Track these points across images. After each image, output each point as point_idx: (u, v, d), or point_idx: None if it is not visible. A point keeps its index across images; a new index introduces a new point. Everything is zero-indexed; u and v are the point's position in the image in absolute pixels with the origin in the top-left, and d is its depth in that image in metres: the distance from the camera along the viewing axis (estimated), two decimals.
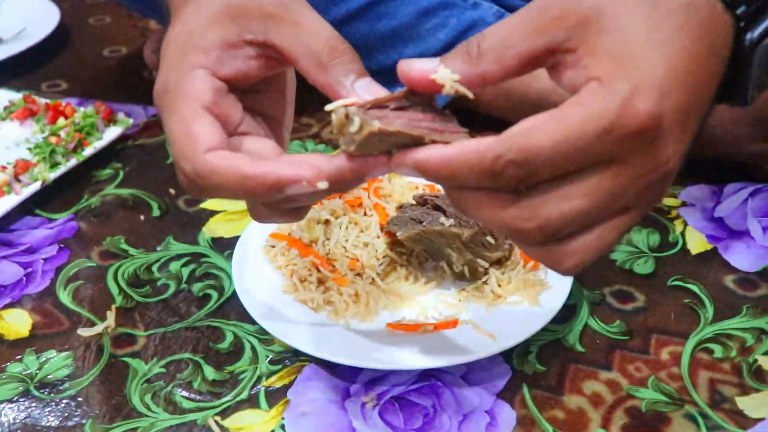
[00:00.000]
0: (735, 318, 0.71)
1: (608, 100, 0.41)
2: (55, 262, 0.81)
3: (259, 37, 0.50)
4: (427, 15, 0.97)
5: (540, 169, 0.42)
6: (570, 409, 0.63)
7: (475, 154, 0.42)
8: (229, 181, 0.47)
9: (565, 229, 0.44)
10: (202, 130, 0.48)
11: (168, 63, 0.52)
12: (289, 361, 0.68)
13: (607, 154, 0.42)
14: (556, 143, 0.41)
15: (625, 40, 0.42)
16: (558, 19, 0.43)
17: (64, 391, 0.66)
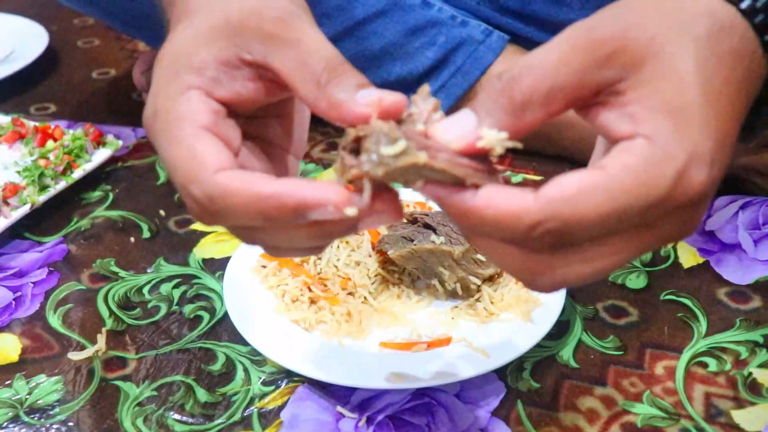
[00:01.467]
0: (729, 331, 0.71)
1: (662, 172, 0.37)
2: (45, 285, 0.81)
3: (258, 58, 0.46)
4: (416, 33, 0.97)
5: (578, 237, 0.39)
6: (565, 425, 0.63)
7: (509, 215, 0.38)
8: (244, 202, 0.42)
9: (576, 284, 0.42)
10: (207, 150, 0.44)
11: (158, 84, 0.47)
12: (281, 382, 0.68)
13: (648, 221, 0.39)
14: (602, 216, 0.38)
15: (681, 90, 0.39)
16: (610, 56, 0.39)
17: (55, 416, 0.65)
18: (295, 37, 0.45)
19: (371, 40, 0.97)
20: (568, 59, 0.39)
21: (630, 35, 0.39)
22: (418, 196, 0.85)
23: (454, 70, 0.96)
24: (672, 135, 0.38)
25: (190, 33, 0.47)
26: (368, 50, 0.97)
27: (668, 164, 0.37)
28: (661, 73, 0.39)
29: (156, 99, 0.47)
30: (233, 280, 0.75)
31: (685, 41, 0.39)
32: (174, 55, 0.47)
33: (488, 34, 0.97)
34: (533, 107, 0.40)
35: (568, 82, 0.39)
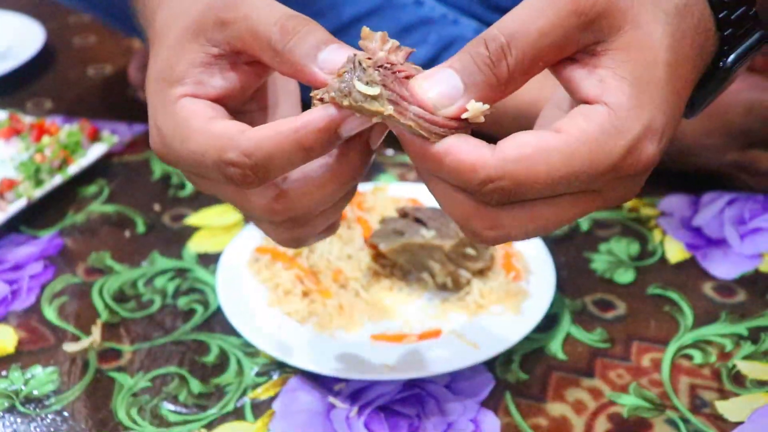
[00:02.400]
0: (714, 324, 0.72)
1: (615, 143, 0.39)
2: (41, 278, 0.81)
3: (225, 48, 0.47)
4: (408, 31, 0.98)
5: (525, 195, 0.40)
6: (553, 416, 0.64)
7: (465, 165, 0.40)
8: (281, 143, 0.42)
9: (518, 239, 0.44)
10: (225, 125, 0.44)
11: (152, 109, 0.48)
12: (274, 373, 0.69)
13: (595, 186, 0.41)
14: (553, 179, 0.39)
15: (652, 63, 0.40)
16: (593, 21, 0.40)
17: (50, 407, 0.66)
18: (243, 13, 0.45)
19: None
20: (555, 25, 0.40)
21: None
22: (410, 192, 0.86)
23: None
24: (632, 109, 0.39)
25: (164, 53, 0.48)
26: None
27: (623, 136, 0.39)
28: (637, 43, 0.40)
29: (156, 122, 0.48)
30: (226, 274, 0.76)
31: (658, 13, 0.41)
32: (157, 79, 0.48)
33: (479, 33, 0.98)
34: (516, 78, 0.41)
35: (552, 49, 0.40)
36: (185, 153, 0.46)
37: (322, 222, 0.50)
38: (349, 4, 0.97)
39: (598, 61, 0.41)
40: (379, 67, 0.42)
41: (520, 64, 0.40)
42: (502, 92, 0.41)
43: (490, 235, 0.43)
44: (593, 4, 0.40)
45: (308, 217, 0.48)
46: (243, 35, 0.46)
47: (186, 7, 0.49)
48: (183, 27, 0.48)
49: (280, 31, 0.44)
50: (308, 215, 0.48)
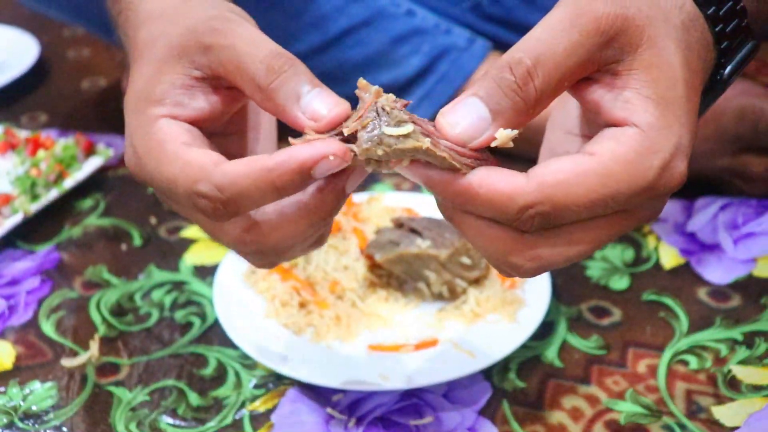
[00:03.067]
0: (709, 329, 0.72)
1: (650, 163, 0.40)
2: (38, 293, 0.82)
3: (207, 72, 0.47)
4: (400, 42, 0.98)
5: (564, 219, 0.40)
6: (550, 423, 0.64)
7: (502, 195, 0.40)
8: (253, 180, 0.42)
9: (557, 267, 0.43)
10: (200, 154, 0.44)
11: (129, 128, 0.48)
12: (272, 385, 0.69)
13: (629, 207, 0.41)
14: (592, 201, 0.39)
15: (673, 83, 0.40)
16: (613, 38, 0.40)
17: (49, 422, 0.66)
18: (229, 43, 0.46)
19: (357, 49, 0.98)
20: (577, 46, 0.40)
21: (630, 14, 0.40)
22: (406, 202, 0.87)
23: (439, 77, 0.98)
24: (662, 129, 0.40)
25: (145, 72, 0.48)
26: (354, 59, 0.98)
27: (656, 156, 0.40)
28: (657, 61, 0.40)
29: (132, 140, 0.48)
30: (223, 286, 0.76)
31: (670, 29, 0.41)
32: (136, 98, 0.48)
33: (472, 42, 0.99)
34: (544, 101, 0.41)
35: (577, 69, 0.40)
36: (158, 176, 0.45)
37: (292, 254, 0.49)
38: (341, 15, 0.98)
39: (621, 82, 0.41)
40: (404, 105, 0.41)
41: (547, 86, 0.40)
42: (529, 116, 0.41)
43: (531, 267, 0.43)
44: (613, 23, 0.40)
45: (278, 250, 0.48)
46: (227, 65, 0.46)
47: (170, 27, 0.49)
48: (166, 47, 0.48)
49: (266, 69, 0.44)
50: (278, 248, 0.47)
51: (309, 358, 0.69)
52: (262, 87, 0.44)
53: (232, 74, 0.46)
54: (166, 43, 0.48)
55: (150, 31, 0.51)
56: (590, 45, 0.40)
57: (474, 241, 0.44)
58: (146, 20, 0.52)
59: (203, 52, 0.47)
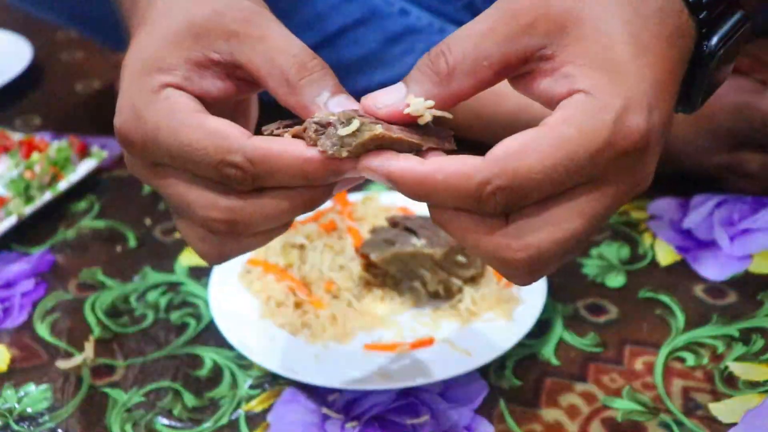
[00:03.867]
0: (705, 326, 0.72)
1: (601, 118, 0.39)
2: (33, 295, 0.81)
3: (226, 57, 0.46)
4: (395, 41, 0.98)
5: (529, 193, 0.40)
6: (547, 422, 0.64)
7: (458, 176, 0.40)
8: (287, 163, 0.42)
9: (555, 258, 0.42)
10: (224, 123, 0.44)
11: (129, 87, 0.46)
12: (268, 385, 0.69)
13: (596, 174, 0.40)
14: (548, 166, 0.39)
15: (609, 46, 0.41)
16: (531, 24, 0.41)
17: (44, 424, 0.66)
18: (260, 34, 0.46)
19: (351, 49, 0.98)
20: (492, 29, 0.41)
21: (550, 2, 0.41)
22: (401, 201, 0.86)
23: None
24: (608, 85, 0.40)
25: (156, 37, 0.47)
26: (348, 59, 0.98)
27: (605, 111, 0.39)
28: (587, 35, 0.41)
29: (131, 101, 0.46)
30: (218, 287, 0.76)
31: (608, 5, 0.42)
32: (142, 59, 0.47)
33: None
34: (459, 76, 0.42)
35: (493, 51, 0.41)
36: (173, 143, 0.44)
37: (252, 242, 0.49)
38: (335, 15, 0.98)
39: (555, 63, 0.41)
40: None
41: (461, 62, 0.41)
42: (445, 88, 0.42)
43: (523, 258, 0.42)
44: (530, 7, 0.41)
45: (246, 233, 0.47)
46: (253, 55, 0.46)
47: (194, 6, 0.47)
48: (186, 23, 0.47)
49: (298, 64, 0.45)
50: (247, 231, 0.46)
51: (305, 358, 0.68)
52: (291, 82, 0.45)
53: (256, 65, 0.46)
54: (188, 19, 0.47)
55: (167, 3, 0.49)
56: (505, 29, 0.41)
57: (458, 239, 0.43)
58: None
59: (226, 38, 0.46)
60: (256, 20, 0.46)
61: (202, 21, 0.47)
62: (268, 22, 0.47)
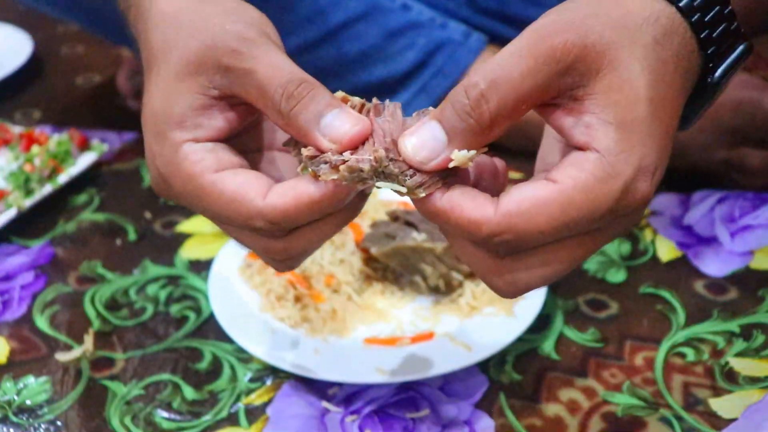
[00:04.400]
0: (706, 322, 0.72)
1: (610, 187, 0.41)
2: (32, 288, 0.81)
3: (225, 91, 0.48)
4: (395, 36, 0.98)
5: (531, 245, 0.43)
6: (547, 416, 0.64)
7: (469, 223, 0.42)
8: (303, 211, 0.45)
9: (539, 287, 0.46)
10: (240, 185, 0.47)
11: (151, 151, 0.50)
12: (268, 378, 0.69)
13: (596, 228, 0.43)
14: (554, 227, 0.41)
15: (633, 103, 0.41)
16: (570, 66, 0.41)
17: (43, 416, 0.66)
18: (248, 67, 0.47)
19: (352, 44, 0.98)
20: (533, 72, 0.41)
21: (588, 42, 0.41)
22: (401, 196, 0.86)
23: (435, 71, 0.98)
24: (621, 153, 0.41)
25: (161, 88, 0.49)
26: (350, 53, 0.98)
27: (616, 181, 0.41)
28: (617, 85, 0.41)
29: (156, 165, 0.49)
30: (218, 280, 0.76)
31: (636, 50, 0.42)
32: (155, 117, 0.49)
33: (467, 36, 0.98)
34: (500, 123, 0.42)
35: (532, 93, 0.41)
36: (201, 208, 0.49)
37: (310, 254, 0.53)
38: (336, 9, 0.97)
39: (582, 107, 0.42)
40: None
41: (501, 109, 0.41)
42: (486, 137, 0.42)
43: (509, 291, 0.46)
44: (569, 51, 0.41)
45: (305, 254, 0.52)
46: (247, 89, 0.47)
47: (186, 38, 0.49)
48: (182, 61, 0.48)
49: (285, 95, 0.46)
50: (305, 254, 0.51)
51: (305, 351, 0.68)
52: (283, 113, 0.46)
53: (253, 99, 0.47)
54: (182, 56, 0.49)
55: (164, 37, 0.51)
56: (546, 72, 0.41)
57: (461, 258, 0.47)
58: (160, 22, 0.52)
59: (222, 73, 0.48)
60: (244, 50, 0.47)
61: (196, 57, 0.48)
62: (255, 51, 0.47)
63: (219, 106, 0.49)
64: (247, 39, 0.48)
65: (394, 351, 0.68)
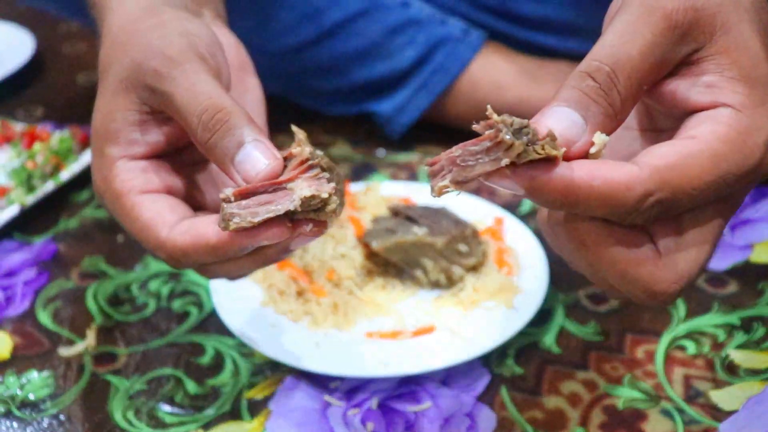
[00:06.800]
0: (707, 315, 0.72)
1: (754, 140, 0.38)
2: (35, 284, 0.81)
3: (155, 106, 0.49)
4: (396, 33, 0.98)
5: (681, 208, 0.39)
6: (548, 409, 0.64)
7: (619, 185, 0.37)
8: (200, 253, 0.47)
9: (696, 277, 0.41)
10: (153, 216, 0.49)
11: (93, 164, 0.52)
12: (270, 372, 0.69)
13: (735, 190, 0.40)
14: (706, 182, 0.37)
15: (756, 62, 0.39)
16: (686, 33, 0.39)
17: (46, 411, 0.66)
18: (168, 90, 0.48)
19: (352, 41, 0.98)
20: (651, 47, 0.39)
21: (699, 5, 0.39)
22: (402, 191, 0.87)
23: (435, 68, 0.98)
24: (757, 106, 0.39)
25: (101, 104, 0.51)
26: (350, 50, 0.98)
27: (759, 133, 0.38)
28: (734, 44, 0.39)
29: (96, 179, 0.52)
30: None
31: (742, 13, 0.40)
32: (96, 133, 0.52)
33: (467, 33, 0.98)
34: (627, 107, 0.39)
35: (653, 70, 0.39)
36: (122, 223, 0.51)
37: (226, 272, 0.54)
38: (336, 6, 0.98)
39: (698, 70, 0.40)
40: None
41: (629, 91, 0.39)
42: (617, 122, 0.39)
43: (675, 290, 0.41)
44: (684, 15, 0.39)
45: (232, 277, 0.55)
46: (171, 112, 0.48)
47: (121, 55, 0.51)
48: (116, 79, 0.50)
49: (201, 126, 0.46)
50: (231, 277, 0.55)
51: (306, 345, 0.69)
52: (201, 143, 0.47)
53: (177, 120, 0.49)
54: (117, 74, 0.50)
55: (106, 53, 0.53)
56: (665, 43, 0.39)
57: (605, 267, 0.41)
58: (106, 37, 0.54)
59: (149, 92, 0.49)
60: (164, 71, 0.48)
61: (127, 74, 0.50)
62: (175, 73, 0.48)
63: (153, 122, 0.50)
64: (169, 58, 0.49)
65: (396, 345, 0.68)
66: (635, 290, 0.41)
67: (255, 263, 0.50)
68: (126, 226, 0.50)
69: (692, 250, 0.40)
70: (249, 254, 0.48)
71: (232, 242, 0.45)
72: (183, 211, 0.51)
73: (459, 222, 0.75)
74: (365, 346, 0.69)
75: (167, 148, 0.52)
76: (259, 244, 0.46)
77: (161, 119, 0.51)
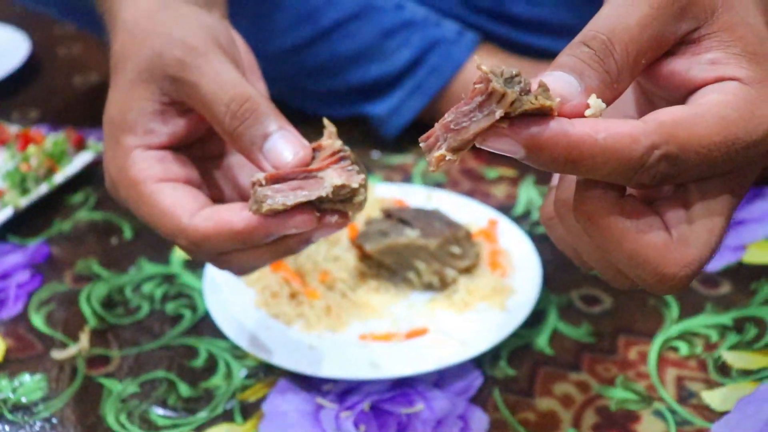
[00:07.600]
0: (699, 316, 0.72)
1: (762, 110, 0.37)
2: (28, 286, 0.81)
3: (175, 97, 0.49)
4: (391, 34, 0.98)
5: (688, 170, 0.37)
6: (541, 410, 0.64)
7: (624, 138, 0.35)
8: (223, 239, 0.47)
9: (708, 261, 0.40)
10: (174, 202, 0.49)
11: (106, 155, 0.52)
12: (262, 375, 0.69)
13: (742, 161, 0.38)
14: (714, 143, 0.36)
15: (759, 39, 0.39)
16: (686, 8, 0.38)
17: (39, 414, 0.66)
18: (194, 80, 0.48)
19: (347, 42, 0.98)
20: (649, 18, 0.38)
21: None
22: (395, 193, 0.87)
23: (430, 69, 0.98)
24: (763, 80, 0.38)
25: (117, 95, 0.51)
26: (345, 52, 0.98)
27: (765, 102, 0.37)
28: (738, 21, 0.39)
29: (109, 169, 0.52)
30: (213, 278, 0.76)
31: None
32: (111, 123, 0.51)
33: (461, 34, 0.99)
34: (624, 78, 0.38)
35: (652, 44, 0.38)
36: (138, 213, 0.51)
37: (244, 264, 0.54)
38: (330, 9, 0.98)
39: (699, 48, 0.39)
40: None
41: (626, 61, 0.38)
42: (614, 91, 0.38)
43: (686, 274, 0.39)
44: None
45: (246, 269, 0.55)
46: (193, 101, 0.49)
47: (139, 47, 0.50)
48: (135, 70, 0.50)
49: (230, 115, 0.47)
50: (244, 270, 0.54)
51: (299, 348, 0.69)
52: (227, 132, 0.47)
53: (200, 110, 0.49)
54: (135, 66, 0.50)
55: (122, 46, 0.52)
56: (663, 16, 0.38)
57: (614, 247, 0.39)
58: (120, 31, 0.53)
59: (171, 82, 0.49)
60: (191, 62, 0.48)
61: (146, 65, 0.50)
62: (201, 63, 0.48)
63: (171, 112, 0.50)
64: (192, 48, 0.49)
65: (389, 347, 0.69)
66: (644, 273, 0.39)
67: (275, 253, 0.50)
68: (142, 213, 0.50)
69: (703, 232, 0.39)
70: (270, 244, 0.49)
71: (260, 227, 0.46)
72: (204, 200, 0.51)
73: (452, 224, 0.75)
74: (358, 349, 0.69)
75: (184, 139, 0.52)
76: (287, 232, 0.46)
77: (179, 111, 0.51)
